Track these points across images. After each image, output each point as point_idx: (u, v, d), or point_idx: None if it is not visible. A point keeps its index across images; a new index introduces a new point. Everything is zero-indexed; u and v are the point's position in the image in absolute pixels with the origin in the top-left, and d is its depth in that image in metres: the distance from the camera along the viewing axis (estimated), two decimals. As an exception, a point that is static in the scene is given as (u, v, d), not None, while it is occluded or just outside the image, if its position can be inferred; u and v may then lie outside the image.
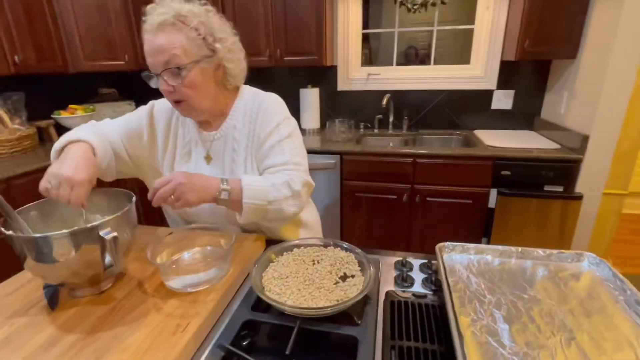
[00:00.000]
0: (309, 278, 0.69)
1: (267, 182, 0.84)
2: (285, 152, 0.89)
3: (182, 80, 0.79)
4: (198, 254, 0.78)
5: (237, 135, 0.93)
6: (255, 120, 0.92)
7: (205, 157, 0.95)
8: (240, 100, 0.96)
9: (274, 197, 0.83)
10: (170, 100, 0.85)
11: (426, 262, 0.80)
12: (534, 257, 0.75)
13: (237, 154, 0.93)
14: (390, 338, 0.59)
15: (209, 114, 0.91)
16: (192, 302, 0.65)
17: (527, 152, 1.86)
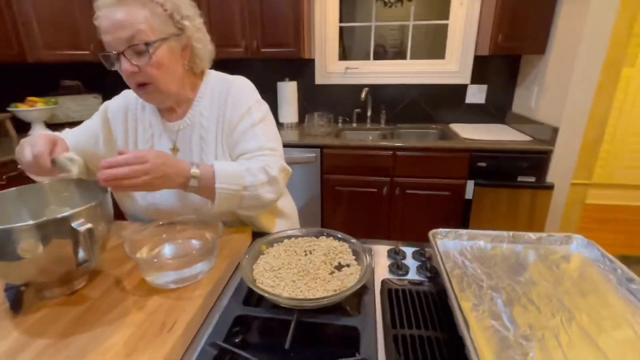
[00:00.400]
0: (303, 269, 0.65)
1: (241, 167, 0.78)
2: (258, 137, 0.84)
3: (148, 59, 0.72)
4: (181, 247, 0.73)
5: (204, 122, 0.87)
6: (224, 105, 0.86)
7: (171, 149, 0.88)
8: (206, 84, 0.90)
9: (250, 182, 0.77)
10: (133, 83, 0.76)
11: (419, 250, 0.79)
12: (525, 241, 0.76)
13: (206, 143, 0.87)
14: (391, 327, 0.57)
15: (174, 99, 0.85)
16: (177, 299, 0.59)
17: (502, 144, 1.91)
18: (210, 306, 0.62)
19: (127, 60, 0.71)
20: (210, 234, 0.72)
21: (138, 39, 0.70)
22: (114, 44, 0.71)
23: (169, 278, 0.62)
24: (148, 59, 0.72)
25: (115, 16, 0.69)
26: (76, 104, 2.55)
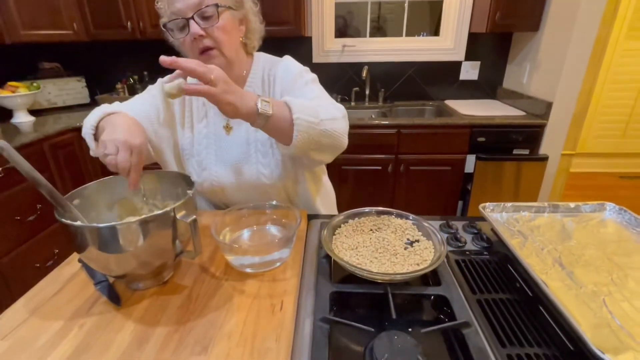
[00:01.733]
0: (381, 246, 0.70)
1: (312, 102, 0.73)
2: (314, 90, 0.84)
3: (216, 21, 0.75)
4: (258, 233, 0.75)
5: None
6: (274, 80, 0.89)
7: (224, 127, 0.90)
8: (257, 64, 0.91)
9: (324, 115, 0.71)
10: (197, 49, 0.77)
11: (468, 223, 0.85)
12: (563, 210, 0.84)
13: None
14: (472, 293, 0.63)
15: (230, 71, 0.83)
16: (272, 281, 0.63)
17: (500, 119, 2.00)
18: (303, 285, 0.65)
19: (195, 24, 0.73)
20: (285, 219, 0.74)
21: (207, 2, 0.74)
22: (183, 10, 0.73)
23: (249, 261, 0.65)
24: (215, 21, 0.75)
25: None
26: (58, 88, 2.40)
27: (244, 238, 0.72)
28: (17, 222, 1.66)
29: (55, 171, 1.93)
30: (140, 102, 0.87)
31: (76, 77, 2.46)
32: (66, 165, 2.01)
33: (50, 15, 2.00)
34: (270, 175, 0.89)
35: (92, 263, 0.56)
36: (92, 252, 0.53)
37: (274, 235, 0.74)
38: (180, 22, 0.75)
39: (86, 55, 2.53)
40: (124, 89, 2.50)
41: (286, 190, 0.93)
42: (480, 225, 0.84)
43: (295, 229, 0.66)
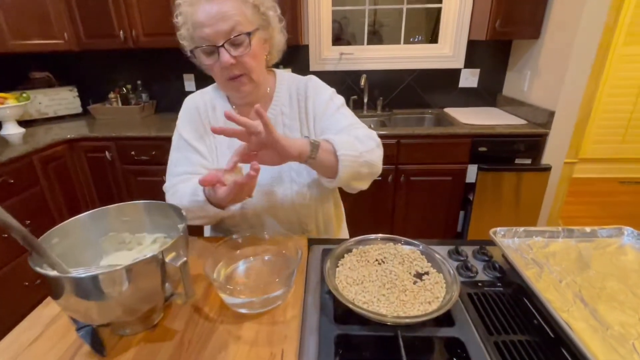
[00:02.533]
0: (388, 280, 0.65)
1: (349, 137, 0.76)
2: (347, 116, 0.85)
3: (248, 50, 0.73)
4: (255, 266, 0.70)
5: (287, 120, 0.87)
6: (305, 99, 0.87)
7: None
8: (281, 83, 0.89)
9: (363, 148, 0.76)
10: (226, 76, 0.76)
11: (479, 249, 0.81)
12: (578, 235, 0.79)
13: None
14: (488, 334, 0.58)
15: (256, 94, 0.84)
16: (271, 324, 0.57)
17: (502, 128, 1.96)
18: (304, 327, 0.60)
19: (226, 52, 0.71)
20: (284, 250, 0.69)
21: (237, 30, 0.71)
22: (212, 37, 0.71)
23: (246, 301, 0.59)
24: (247, 49, 0.73)
25: (214, 9, 0.69)
26: (49, 98, 2.34)
27: (240, 272, 0.67)
28: (3, 240, 1.60)
29: (46, 186, 1.87)
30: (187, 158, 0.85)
31: (68, 87, 2.40)
32: (57, 180, 1.95)
33: (40, 24, 1.95)
34: (305, 195, 0.86)
35: (71, 312, 0.51)
36: (70, 300, 0.48)
37: (272, 269, 0.68)
38: (208, 49, 0.72)
39: (78, 65, 2.48)
40: (117, 99, 2.45)
41: (319, 210, 0.91)
42: (491, 251, 0.80)
43: (295, 266, 0.61)
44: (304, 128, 0.88)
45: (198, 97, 0.89)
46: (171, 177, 0.84)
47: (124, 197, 2.20)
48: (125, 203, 0.63)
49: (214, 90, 0.90)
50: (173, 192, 0.81)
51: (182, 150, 0.85)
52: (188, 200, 0.75)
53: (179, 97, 2.65)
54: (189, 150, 0.84)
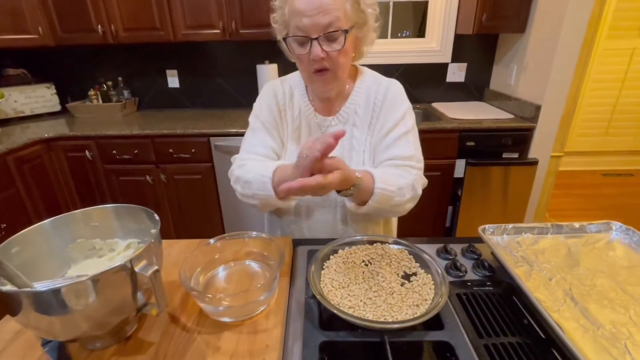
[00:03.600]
0: (375, 283, 0.62)
1: (395, 180, 0.77)
2: (410, 145, 0.82)
3: (341, 47, 0.71)
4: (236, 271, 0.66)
5: (358, 121, 0.85)
6: (380, 108, 0.84)
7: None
8: (362, 82, 0.87)
9: (402, 196, 0.77)
10: (312, 68, 0.75)
11: (468, 247, 0.79)
12: (567, 231, 0.78)
13: (357, 142, 0.85)
14: (478, 337, 0.56)
15: (337, 89, 0.84)
16: (252, 333, 0.54)
17: (490, 122, 1.96)
18: (288, 334, 0.57)
19: (319, 46, 0.70)
20: (266, 252, 0.66)
21: (335, 26, 0.69)
22: (309, 28, 0.69)
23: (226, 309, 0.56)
24: (340, 46, 0.71)
25: (315, 0, 0.67)
26: (25, 95, 2.25)
27: (220, 278, 0.64)
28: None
29: (22, 188, 1.79)
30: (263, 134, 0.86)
31: (45, 84, 2.31)
32: (35, 181, 1.87)
33: (12, 18, 1.86)
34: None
35: (32, 329, 0.47)
36: (30, 316, 0.44)
37: (254, 275, 0.65)
38: (301, 39, 0.71)
39: (55, 61, 2.38)
40: (98, 96, 2.36)
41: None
42: (481, 249, 0.78)
43: (278, 270, 0.58)
44: (369, 134, 0.85)
45: (278, 84, 0.89)
46: (244, 153, 0.85)
47: (106, 198, 2.14)
48: (92, 207, 0.59)
49: (293, 79, 0.89)
50: (242, 164, 0.81)
51: (257, 132, 0.86)
52: (254, 175, 0.76)
53: (162, 94, 2.61)
54: (264, 133, 0.86)
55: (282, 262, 0.59)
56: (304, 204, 0.87)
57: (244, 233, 0.67)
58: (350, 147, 0.86)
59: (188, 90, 2.50)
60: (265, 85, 0.90)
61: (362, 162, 0.85)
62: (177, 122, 2.13)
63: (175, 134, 1.97)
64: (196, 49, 2.36)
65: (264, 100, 0.88)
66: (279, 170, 0.74)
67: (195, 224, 2.19)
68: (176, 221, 2.19)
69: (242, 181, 0.78)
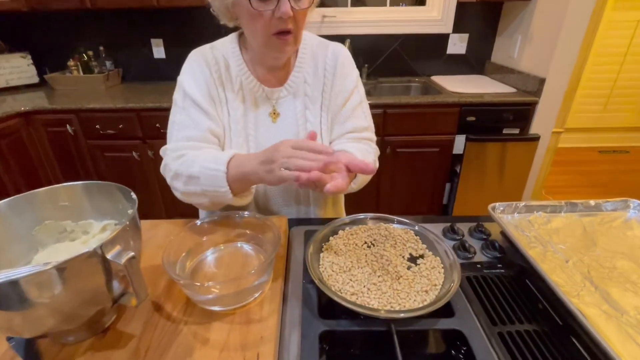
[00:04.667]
0: (379, 267, 0.57)
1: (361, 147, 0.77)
2: (366, 114, 0.82)
3: (308, 5, 0.65)
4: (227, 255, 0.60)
5: (309, 91, 0.79)
6: (332, 75, 0.79)
7: (270, 114, 0.78)
8: (305, 48, 0.79)
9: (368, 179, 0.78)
10: (272, 29, 0.65)
11: (476, 226, 0.74)
12: (582, 209, 0.73)
13: (311, 113, 0.79)
14: (491, 324, 0.52)
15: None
16: (245, 323, 0.49)
17: (492, 96, 1.89)
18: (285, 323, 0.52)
19: (288, 3, 0.61)
20: (260, 234, 0.60)
21: None
22: None
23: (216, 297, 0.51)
24: (309, 4, 0.65)
25: None
26: (-1, 66, 2.10)
27: (209, 263, 0.58)
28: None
29: (0, 165, 1.70)
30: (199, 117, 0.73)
31: (20, 53, 2.16)
32: (13, 157, 1.77)
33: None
34: None
35: (-10, 323, 0.41)
36: (-15, 311, 0.37)
37: (247, 258, 0.60)
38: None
39: (30, 28, 2.21)
40: (78, 67, 2.22)
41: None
42: (489, 228, 0.73)
43: (273, 253, 0.52)
44: (324, 104, 0.79)
45: (207, 50, 0.76)
46: (176, 141, 0.71)
47: (91, 174, 2.05)
48: (58, 185, 0.52)
49: (225, 47, 0.77)
50: (179, 155, 0.68)
51: (187, 110, 0.72)
52: (200, 167, 0.63)
53: (147, 65, 2.47)
54: (197, 111, 0.72)
55: (278, 245, 0.53)
56: (262, 190, 0.80)
57: (235, 213, 0.60)
58: (304, 121, 0.79)
59: (175, 61, 2.36)
60: (191, 55, 0.76)
61: (320, 134, 0.79)
62: (163, 95, 2.01)
63: (161, 107, 1.86)
64: (182, 15, 2.21)
65: (190, 72, 0.74)
66: (235, 161, 0.63)
67: (187, 203, 2.12)
68: (166, 200, 2.12)
69: (185, 177, 0.65)
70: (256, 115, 0.77)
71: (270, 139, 0.77)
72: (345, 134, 0.80)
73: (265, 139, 0.77)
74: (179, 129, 0.72)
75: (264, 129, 0.77)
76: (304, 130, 0.79)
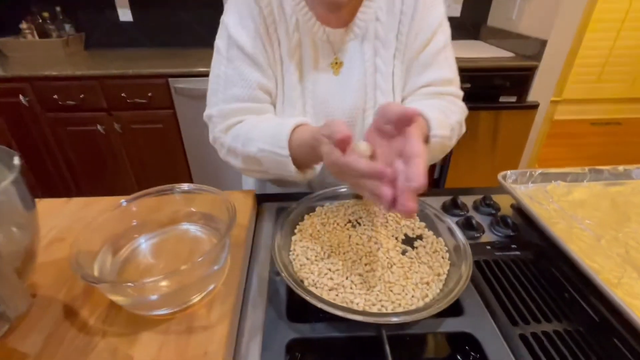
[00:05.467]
0: (366, 252, 0.44)
1: (448, 121, 0.55)
2: (450, 62, 0.64)
3: None
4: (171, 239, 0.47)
5: (381, 31, 0.60)
6: (413, 9, 0.59)
7: (332, 64, 0.62)
8: None
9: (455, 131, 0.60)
10: None
11: (481, 200, 0.61)
12: (607, 176, 0.62)
13: (383, 62, 0.61)
14: (511, 324, 0.40)
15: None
16: (184, 333, 0.36)
17: (488, 61, 1.74)
18: (242, 330, 0.40)
19: None
20: (212, 212, 0.46)
21: None
22: None
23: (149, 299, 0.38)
24: None
25: None
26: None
27: (143, 253, 0.44)
28: None
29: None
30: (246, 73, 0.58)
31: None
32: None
33: None
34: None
35: None
36: None
37: (194, 244, 0.46)
38: None
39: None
40: (32, 31, 1.98)
41: None
42: (498, 201, 0.61)
43: (225, 236, 0.38)
44: (399, 49, 0.61)
45: None
46: (219, 103, 0.59)
47: (53, 151, 1.86)
48: None
49: None
50: (228, 126, 0.58)
51: (233, 62, 0.59)
52: (260, 147, 0.52)
53: (112, 30, 2.22)
54: (244, 62, 0.58)
55: (232, 224, 0.40)
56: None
57: (173, 187, 0.46)
58: (374, 71, 0.62)
59: (143, 25, 2.13)
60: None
61: (390, 89, 0.62)
62: (130, 62, 1.81)
63: (126, 74, 1.67)
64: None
65: (239, 11, 0.58)
66: (296, 137, 0.50)
67: (161, 179, 1.94)
68: (138, 177, 1.96)
69: (242, 156, 0.56)
70: (315, 65, 0.61)
71: (331, 94, 0.62)
72: (423, 87, 0.63)
73: (325, 95, 0.62)
74: (225, 85, 0.59)
75: (324, 82, 0.62)
76: (372, 85, 0.62)
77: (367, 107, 0.63)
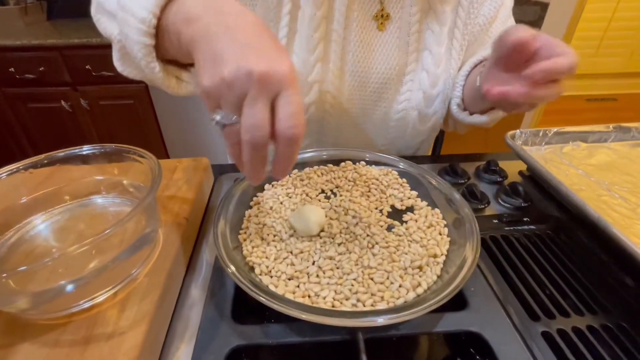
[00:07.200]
0: (342, 229, 0.34)
1: None
2: None
3: None
4: (75, 216, 0.36)
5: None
6: None
7: (375, 16, 0.50)
8: None
9: None
10: None
11: (485, 165, 0.51)
12: (635, 135, 0.52)
13: (440, 26, 0.51)
14: (530, 319, 0.30)
15: None
16: (81, 344, 0.26)
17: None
18: (170, 338, 0.29)
19: None
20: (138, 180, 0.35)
21: None
22: None
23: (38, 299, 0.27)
24: None
25: None
26: None
27: (42, 235, 0.33)
28: None
29: None
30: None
31: None
32: None
33: None
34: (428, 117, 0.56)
35: None
36: None
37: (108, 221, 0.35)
38: None
39: None
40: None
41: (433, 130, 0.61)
42: (505, 168, 0.51)
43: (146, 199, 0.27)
44: (460, 17, 0.52)
45: None
46: None
47: (16, 131, 1.71)
48: None
49: None
50: None
51: None
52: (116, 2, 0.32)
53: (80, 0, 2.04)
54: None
55: (154, 190, 0.28)
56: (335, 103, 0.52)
57: (83, 147, 0.34)
58: (430, 32, 0.52)
59: (111, -8, 1.96)
60: None
61: (449, 55, 0.53)
62: (93, 30, 1.64)
63: (90, 44, 1.51)
64: None
65: None
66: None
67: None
68: (111, 158, 1.82)
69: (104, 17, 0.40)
70: (359, 17, 0.49)
71: (376, 51, 0.51)
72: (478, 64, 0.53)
73: (367, 52, 0.51)
74: None
75: (372, 41, 0.51)
76: (424, 46, 0.52)
77: (413, 69, 0.53)
